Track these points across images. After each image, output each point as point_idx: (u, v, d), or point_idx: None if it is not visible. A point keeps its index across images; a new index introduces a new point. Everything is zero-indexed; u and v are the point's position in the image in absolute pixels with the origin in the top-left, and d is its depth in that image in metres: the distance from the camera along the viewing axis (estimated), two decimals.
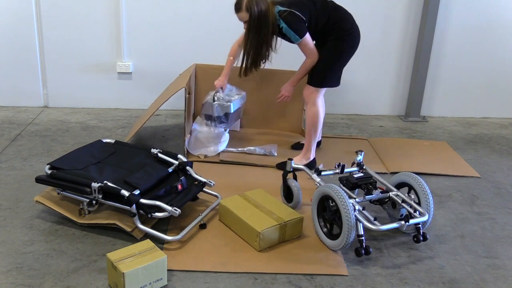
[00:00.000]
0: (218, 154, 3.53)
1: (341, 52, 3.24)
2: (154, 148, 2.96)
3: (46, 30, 4.25)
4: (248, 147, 3.63)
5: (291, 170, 2.88)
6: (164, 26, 4.32)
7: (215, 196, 2.87)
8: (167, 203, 2.46)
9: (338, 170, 2.86)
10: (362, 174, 2.74)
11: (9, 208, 2.76)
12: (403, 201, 2.62)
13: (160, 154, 2.93)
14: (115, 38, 4.31)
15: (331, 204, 2.49)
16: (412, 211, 2.54)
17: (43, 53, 4.31)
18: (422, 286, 2.30)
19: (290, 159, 2.87)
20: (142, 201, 2.43)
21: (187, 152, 3.50)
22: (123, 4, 4.22)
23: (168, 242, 2.47)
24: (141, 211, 2.44)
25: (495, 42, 4.66)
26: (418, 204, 2.61)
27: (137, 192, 2.49)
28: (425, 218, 2.51)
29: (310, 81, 3.31)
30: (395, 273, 2.38)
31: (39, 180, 2.62)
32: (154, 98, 4.14)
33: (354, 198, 2.56)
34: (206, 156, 3.50)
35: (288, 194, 2.91)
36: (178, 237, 2.46)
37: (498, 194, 3.28)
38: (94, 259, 2.35)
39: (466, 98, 4.83)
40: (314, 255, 2.47)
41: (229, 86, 3.61)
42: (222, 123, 3.51)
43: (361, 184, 2.68)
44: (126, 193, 2.42)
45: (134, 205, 2.41)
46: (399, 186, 2.78)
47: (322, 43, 3.25)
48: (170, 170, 2.82)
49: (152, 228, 2.50)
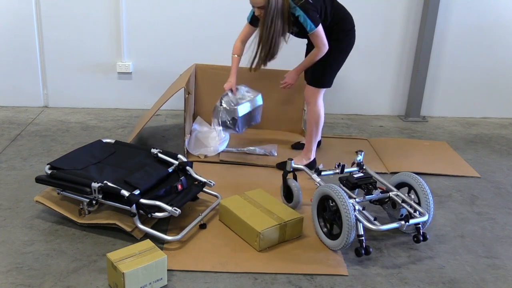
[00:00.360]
0: (218, 154, 3.53)
1: (341, 52, 3.23)
2: (154, 148, 2.96)
3: (46, 30, 4.25)
4: (248, 147, 3.62)
5: (291, 170, 2.88)
6: (164, 26, 4.32)
7: (215, 196, 2.87)
8: (167, 203, 2.46)
9: (338, 170, 2.86)
10: (362, 174, 2.74)
11: (9, 208, 2.76)
12: (403, 201, 2.62)
13: (160, 154, 2.93)
14: (115, 38, 4.31)
15: (331, 204, 2.49)
16: (412, 211, 2.54)
17: (43, 53, 4.31)
18: (422, 286, 2.30)
19: (290, 159, 2.87)
20: (142, 201, 2.43)
21: (187, 152, 3.50)
22: (123, 4, 4.22)
23: (168, 242, 2.47)
24: (141, 211, 2.44)
25: (495, 42, 4.66)
26: (418, 204, 2.61)
27: (137, 192, 2.49)
28: (425, 218, 2.51)
29: (311, 81, 3.29)
30: (395, 273, 2.38)
31: (39, 180, 2.62)
32: (154, 98, 4.14)
33: (354, 198, 2.56)
34: (206, 156, 3.50)
35: (288, 194, 2.91)
36: (178, 237, 2.46)
37: (498, 194, 3.28)
38: (94, 259, 2.35)
39: (466, 98, 4.83)
40: (314, 255, 2.47)
41: (243, 87, 3.41)
42: (229, 129, 3.31)
43: (361, 184, 2.68)
44: (126, 193, 2.42)
45: (134, 205, 2.41)
46: (399, 186, 2.78)
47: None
48: (170, 170, 2.82)
49: (152, 228, 2.50)
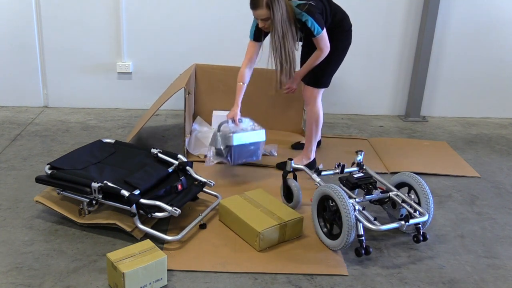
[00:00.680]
0: None
1: (340, 52, 3.23)
2: (154, 148, 2.96)
3: (46, 30, 4.25)
4: None
5: (291, 170, 2.88)
6: (164, 26, 4.32)
7: (215, 196, 2.87)
8: (167, 203, 2.46)
9: (338, 170, 2.86)
10: (362, 174, 2.74)
11: (9, 208, 2.76)
12: (403, 201, 2.62)
13: (160, 154, 2.93)
14: (115, 38, 4.31)
15: (331, 204, 2.49)
16: (412, 211, 2.54)
17: (43, 53, 4.31)
18: (422, 286, 2.30)
19: (290, 159, 2.87)
20: (142, 201, 2.43)
21: (187, 152, 3.49)
22: (123, 4, 4.22)
23: (168, 242, 2.47)
24: (141, 211, 2.44)
25: (495, 42, 4.65)
26: (418, 204, 2.61)
27: (137, 192, 2.49)
28: (425, 218, 2.51)
29: (311, 82, 3.28)
30: (395, 273, 2.38)
31: (39, 180, 2.62)
32: (154, 98, 4.14)
33: (354, 198, 2.56)
34: (206, 156, 3.50)
35: (288, 194, 2.91)
36: (178, 237, 2.46)
37: (498, 194, 3.27)
38: (94, 259, 2.35)
39: (466, 98, 4.83)
40: (314, 255, 2.47)
41: (248, 120, 3.27)
42: (222, 157, 3.14)
43: (361, 184, 2.68)
44: (126, 193, 2.42)
45: (134, 205, 2.41)
46: (399, 186, 2.78)
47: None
48: (170, 170, 2.82)
49: (152, 228, 2.50)
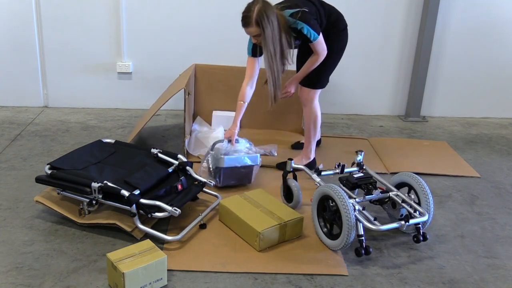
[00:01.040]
0: None
1: (337, 52, 3.24)
2: (154, 148, 2.96)
3: (46, 30, 4.25)
4: None
5: (291, 170, 2.88)
6: (164, 26, 4.32)
7: (215, 196, 2.87)
8: (167, 203, 2.46)
9: (338, 170, 2.86)
10: (362, 174, 2.74)
11: (9, 208, 2.76)
12: (403, 201, 2.62)
13: (160, 154, 2.93)
14: (115, 38, 4.31)
15: (331, 204, 2.49)
16: (412, 211, 2.54)
17: (43, 53, 4.31)
18: (422, 286, 2.30)
19: (290, 159, 2.87)
20: (142, 201, 2.43)
21: (187, 152, 3.49)
22: (123, 4, 4.22)
23: (168, 242, 2.47)
24: (141, 211, 2.44)
25: (495, 42, 4.65)
26: (418, 204, 2.60)
27: (137, 192, 2.49)
28: (425, 218, 2.50)
29: (307, 83, 3.27)
30: (395, 273, 2.38)
31: (39, 180, 2.62)
32: (154, 98, 4.14)
33: (354, 198, 2.56)
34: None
35: (288, 194, 2.91)
36: (178, 237, 2.46)
37: (498, 194, 3.27)
38: (94, 259, 2.35)
39: (466, 98, 4.82)
40: (314, 255, 2.47)
41: (245, 141, 3.15)
42: (211, 176, 3.04)
43: (361, 184, 2.68)
44: (126, 193, 2.42)
45: (134, 205, 2.41)
46: (399, 186, 2.78)
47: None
48: (170, 170, 2.82)
49: (152, 228, 2.50)
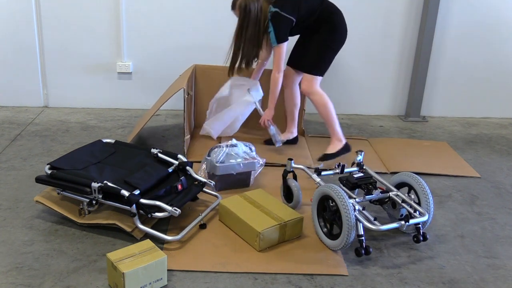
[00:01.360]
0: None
1: (333, 40, 3.37)
2: (154, 148, 2.96)
3: (46, 30, 4.25)
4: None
5: (291, 170, 2.88)
6: (164, 26, 4.32)
7: (215, 196, 2.87)
8: (167, 203, 2.46)
9: (338, 170, 2.87)
10: (362, 174, 2.74)
11: (9, 208, 2.76)
12: (403, 201, 2.62)
13: (160, 154, 2.93)
14: (115, 38, 4.31)
15: (331, 204, 2.49)
16: (412, 211, 2.54)
17: (43, 53, 4.31)
18: (422, 286, 2.30)
19: (290, 159, 2.87)
20: (142, 201, 2.43)
21: (187, 152, 3.50)
22: (123, 4, 4.22)
23: (168, 242, 2.47)
24: (141, 211, 2.44)
25: (495, 42, 4.65)
26: (418, 204, 2.61)
27: (137, 192, 2.49)
28: (425, 218, 2.51)
29: (305, 68, 3.41)
30: (395, 273, 2.38)
31: (39, 180, 2.62)
32: (154, 98, 4.14)
33: (354, 198, 2.56)
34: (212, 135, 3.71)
35: (288, 194, 2.91)
36: (178, 237, 2.46)
37: (498, 194, 3.28)
38: (94, 259, 2.35)
39: (466, 98, 4.82)
40: (314, 255, 2.47)
41: (243, 145, 3.16)
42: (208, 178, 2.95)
43: (361, 184, 2.68)
44: (126, 193, 2.42)
45: (134, 205, 2.41)
46: (399, 186, 2.78)
47: (317, 29, 3.36)
48: (170, 170, 2.82)
49: (152, 228, 2.50)
